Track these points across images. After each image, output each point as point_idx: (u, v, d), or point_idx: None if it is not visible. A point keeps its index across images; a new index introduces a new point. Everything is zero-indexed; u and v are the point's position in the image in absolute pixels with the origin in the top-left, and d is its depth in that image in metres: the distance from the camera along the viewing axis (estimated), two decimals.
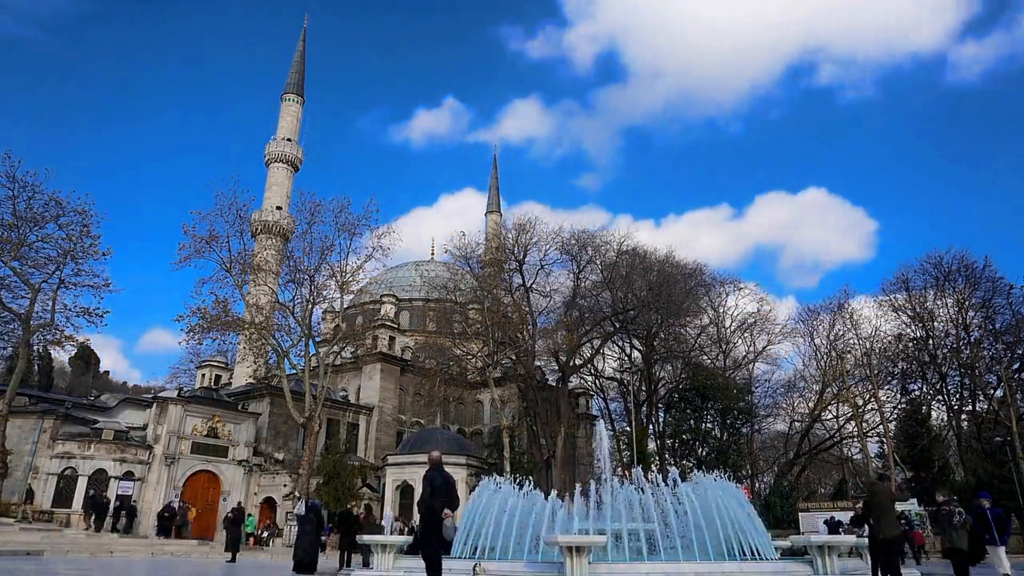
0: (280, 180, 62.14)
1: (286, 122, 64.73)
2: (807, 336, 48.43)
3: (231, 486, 37.81)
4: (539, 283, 42.18)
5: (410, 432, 47.40)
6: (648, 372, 47.27)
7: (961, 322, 42.07)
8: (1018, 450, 36.03)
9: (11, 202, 29.00)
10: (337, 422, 45.31)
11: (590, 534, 11.06)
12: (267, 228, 57.70)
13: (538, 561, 11.35)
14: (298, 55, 68.47)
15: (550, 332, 41.21)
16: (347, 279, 36.04)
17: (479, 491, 13.57)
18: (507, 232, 44.28)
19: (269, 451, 41.11)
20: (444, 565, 9.96)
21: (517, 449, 42.88)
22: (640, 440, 42.16)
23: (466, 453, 40.33)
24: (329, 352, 38.91)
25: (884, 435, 42.02)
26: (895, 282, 44.61)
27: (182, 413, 37.12)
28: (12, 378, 30.83)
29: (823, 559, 10.97)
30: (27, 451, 33.82)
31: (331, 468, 36.16)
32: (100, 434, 35.04)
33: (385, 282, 58.07)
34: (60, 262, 30.20)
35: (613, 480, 12.49)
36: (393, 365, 49.39)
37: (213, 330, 34.20)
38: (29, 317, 29.91)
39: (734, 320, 51.79)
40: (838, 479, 55.74)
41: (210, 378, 53.15)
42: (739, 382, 49.34)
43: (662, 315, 41.58)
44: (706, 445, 46.21)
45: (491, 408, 50.22)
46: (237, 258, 34.71)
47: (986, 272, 41.29)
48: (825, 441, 49.94)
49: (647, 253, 44.47)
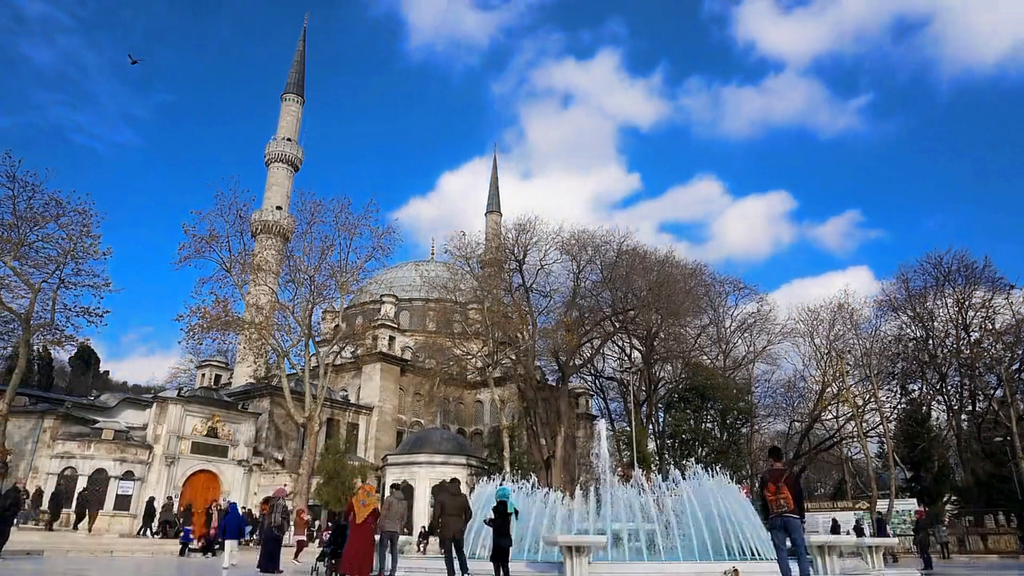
0: (280, 180, 62.12)
1: (286, 122, 64.72)
2: (807, 336, 48.37)
3: (231, 486, 37.79)
4: (539, 283, 42.12)
5: (410, 432, 47.38)
6: (648, 372, 47.21)
7: (961, 322, 42.05)
8: (1018, 450, 36.03)
9: (11, 202, 29.01)
10: (337, 422, 45.30)
11: (590, 534, 11.07)
12: (267, 228, 57.68)
13: (538, 561, 11.37)
14: (298, 55, 68.46)
15: (550, 332, 41.14)
16: (347, 279, 36.05)
17: (479, 492, 13.59)
18: (507, 232, 44.25)
19: (269, 451, 41.10)
20: (443, 566, 10.00)
21: (517, 449, 42.84)
22: (640, 440, 42.10)
23: (466, 453, 40.32)
24: (329, 352, 38.91)
25: (884, 435, 42.00)
26: (895, 282, 44.66)
27: (182, 413, 37.10)
28: (12, 378, 30.81)
29: (823, 559, 10.98)
30: (27, 451, 33.83)
31: (331, 468, 36.17)
32: (100, 434, 35.03)
33: (385, 282, 58.05)
34: (60, 262, 30.19)
35: (613, 480, 12.51)
36: (393, 365, 49.38)
37: (213, 330, 34.24)
38: (29, 317, 29.89)
39: (734, 320, 51.81)
40: (838, 479, 55.73)
41: (210, 378, 53.15)
42: (739, 382, 49.30)
43: (662, 315, 41.54)
44: (706, 445, 46.16)
45: (491, 408, 50.18)
46: (237, 258, 34.77)
47: (986, 272, 41.32)
48: (825, 441, 49.92)
49: (647, 253, 44.39)
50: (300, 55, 68.44)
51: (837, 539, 12.33)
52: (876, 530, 30.72)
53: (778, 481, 9.20)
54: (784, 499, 9.04)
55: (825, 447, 49.76)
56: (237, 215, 34.55)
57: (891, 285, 44.95)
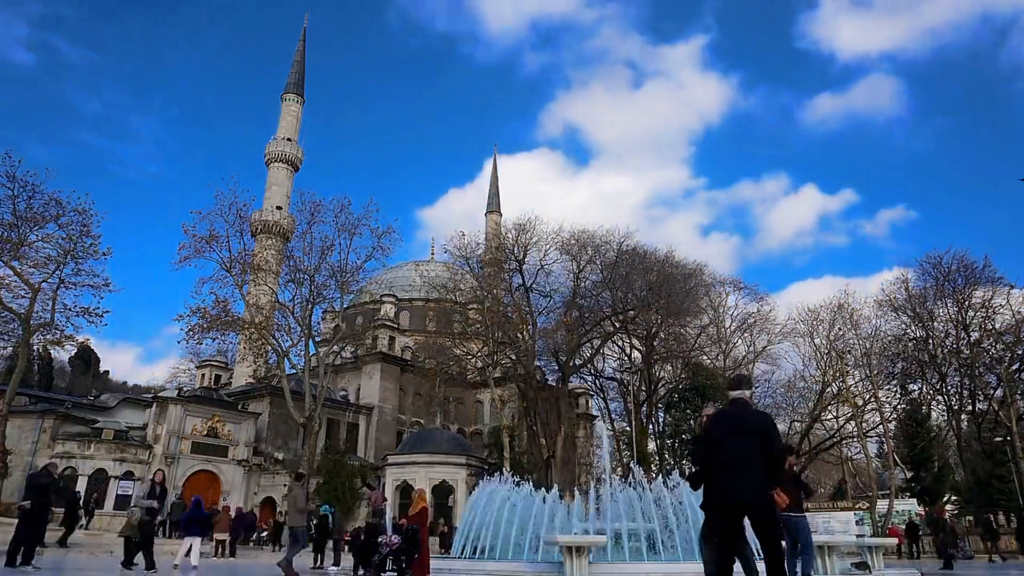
0: (280, 180, 62.12)
1: (286, 122, 64.73)
2: (807, 336, 48.32)
3: (231, 486, 37.80)
4: (539, 283, 42.13)
5: (410, 432, 47.38)
6: (648, 372, 47.19)
7: (961, 322, 41.99)
8: (1018, 450, 36.01)
9: (11, 202, 29.00)
10: (337, 422, 45.30)
11: (590, 534, 11.07)
12: (267, 228, 57.67)
13: (538, 561, 11.36)
14: (298, 55, 68.46)
15: (550, 332, 41.13)
16: (347, 279, 36.05)
17: (478, 491, 13.59)
18: (507, 232, 44.26)
19: (269, 451, 41.10)
20: (443, 565, 9.98)
21: (517, 449, 42.85)
22: (640, 440, 42.13)
23: (466, 453, 40.33)
24: (329, 352, 38.89)
25: (884, 435, 42.00)
26: (895, 282, 44.62)
27: (182, 413, 37.12)
28: (12, 378, 30.81)
29: (823, 559, 10.98)
30: (27, 451, 33.85)
31: (331, 468, 36.18)
32: (100, 434, 35.06)
33: (385, 282, 58.04)
34: (60, 262, 30.19)
35: (613, 480, 12.50)
36: (393, 365, 49.37)
37: (213, 330, 34.22)
38: (29, 317, 29.88)
39: (734, 320, 51.77)
40: (838, 479, 55.71)
41: (210, 378, 53.16)
42: None
43: (662, 315, 41.53)
44: None
45: (491, 408, 50.18)
46: (237, 258, 34.73)
47: (986, 272, 41.28)
48: (825, 441, 49.88)
49: (647, 253, 44.36)
50: (300, 55, 68.44)
51: (837, 539, 12.34)
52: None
53: None
54: (781, 497, 8.69)
55: (825, 447, 49.74)
56: (237, 215, 34.55)
57: (891, 285, 44.94)
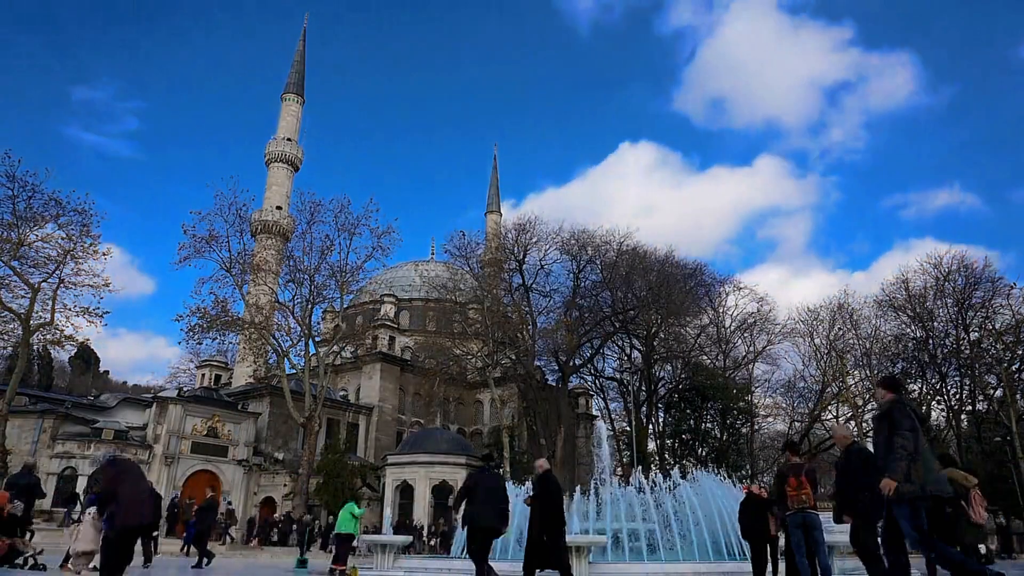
0: (280, 180, 62.09)
1: (286, 122, 64.69)
2: (807, 336, 48.36)
3: (231, 486, 37.80)
4: (539, 283, 42.18)
5: (410, 432, 47.37)
6: (648, 372, 47.21)
7: (961, 322, 42.03)
8: (1018, 450, 36.04)
9: (11, 202, 29.00)
10: (337, 422, 45.28)
11: (590, 534, 11.07)
12: (267, 228, 57.62)
13: None
14: (298, 55, 68.40)
15: (550, 332, 41.17)
16: (347, 279, 36.04)
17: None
18: (507, 232, 44.29)
19: (269, 451, 41.10)
20: (443, 565, 9.96)
21: (517, 449, 42.87)
22: (640, 440, 42.18)
23: (466, 453, 40.31)
24: (329, 352, 38.89)
25: None
26: (895, 282, 44.66)
27: (182, 413, 37.11)
28: (12, 378, 30.82)
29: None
30: (27, 451, 33.78)
31: (331, 468, 36.15)
32: (100, 434, 35.04)
33: (385, 282, 58.04)
34: (60, 262, 30.19)
35: (613, 480, 12.51)
36: (393, 365, 49.36)
37: (213, 330, 34.21)
38: (29, 317, 29.88)
39: (734, 320, 51.76)
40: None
41: (210, 378, 53.11)
42: (739, 382, 49.25)
43: (662, 315, 41.57)
44: (706, 445, 46.18)
45: (491, 408, 50.19)
46: (237, 258, 34.70)
47: (986, 272, 41.32)
48: (825, 441, 49.88)
49: (647, 253, 44.39)
50: (300, 55, 68.41)
51: (837, 539, 12.32)
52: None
53: (799, 474, 8.73)
54: (806, 494, 8.60)
55: (825, 447, 49.74)
56: (237, 215, 34.50)
57: (891, 285, 44.97)
